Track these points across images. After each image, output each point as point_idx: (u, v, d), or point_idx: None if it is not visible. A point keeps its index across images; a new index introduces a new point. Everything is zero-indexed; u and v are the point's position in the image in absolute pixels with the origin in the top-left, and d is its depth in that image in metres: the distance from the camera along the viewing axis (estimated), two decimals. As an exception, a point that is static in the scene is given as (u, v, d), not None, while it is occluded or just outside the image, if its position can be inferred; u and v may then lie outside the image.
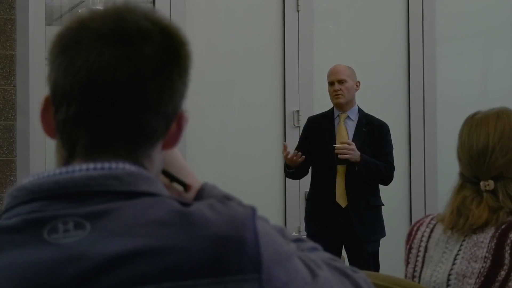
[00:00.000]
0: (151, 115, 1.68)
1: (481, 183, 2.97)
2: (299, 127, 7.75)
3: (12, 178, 7.06)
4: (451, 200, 3.03)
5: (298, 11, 7.89)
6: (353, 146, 6.56)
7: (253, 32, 7.77)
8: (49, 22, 7.60)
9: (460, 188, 3.03)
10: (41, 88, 7.27)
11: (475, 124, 3.07)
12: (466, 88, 8.25)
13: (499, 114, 3.07)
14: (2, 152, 7.08)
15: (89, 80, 1.64)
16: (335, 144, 6.63)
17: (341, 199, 6.75)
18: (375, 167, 6.74)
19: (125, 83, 1.65)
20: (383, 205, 7.05)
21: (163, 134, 1.71)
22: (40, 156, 7.23)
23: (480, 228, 2.92)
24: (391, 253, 7.21)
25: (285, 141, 7.66)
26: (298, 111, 7.71)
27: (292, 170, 6.79)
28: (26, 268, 1.59)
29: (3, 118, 7.10)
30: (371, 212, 6.90)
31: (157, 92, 1.67)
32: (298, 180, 7.49)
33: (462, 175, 3.06)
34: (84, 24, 1.68)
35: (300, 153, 6.63)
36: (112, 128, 1.67)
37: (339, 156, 6.55)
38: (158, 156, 1.74)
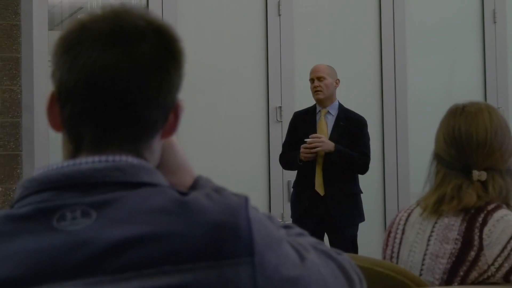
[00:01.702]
0: (151, 107, 1.69)
1: (474, 172, 2.97)
2: (281, 121, 7.80)
3: (18, 171, 7.06)
4: (437, 187, 3.03)
5: (279, 15, 7.90)
6: (323, 138, 6.64)
7: (239, 35, 7.77)
8: (51, 27, 7.57)
9: (446, 176, 3.02)
10: (45, 87, 7.27)
11: (470, 115, 3.04)
12: (434, 84, 8.28)
13: (490, 111, 3.08)
14: (9, 147, 7.07)
15: (92, 77, 1.65)
16: (315, 135, 6.67)
17: (319, 188, 6.80)
18: (349, 157, 6.77)
19: (126, 79, 1.65)
20: (362, 192, 7.07)
21: (162, 124, 1.72)
22: (44, 151, 7.20)
23: (457, 210, 2.94)
24: (368, 237, 7.25)
25: (268, 135, 7.81)
26: (280, 107, 7.71)
27: (302, 163, 6.78)
28: (36, 254, 1.59)
29: (10, 115, 7.10)
30: (348, 199, 6.91)
31: (156, 86, 1.68)
32: (281, 170, 7.54)
33: (447, 163, 3.05)
34: (86, 25, 1.69)
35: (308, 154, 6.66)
36: (115, 123, 1.68)
37: (312, 150, 6.60)
38: (158, 145, 1.76)
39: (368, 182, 7.54)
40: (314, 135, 6.65)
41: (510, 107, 7.78)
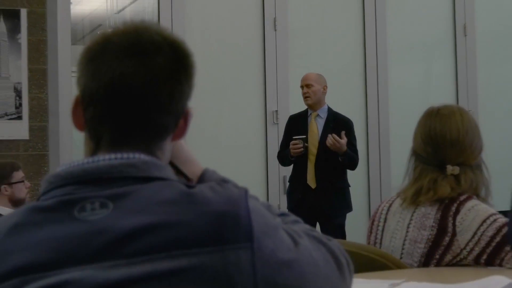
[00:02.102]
0: (163, 114, 1.71)
1: (448, 167, 2.98)
2: (277, 124, 7.78)
3: (45, 168, 7.07)
4: (415, 181, 3.04)
5: (275, 30, 7.89)
6: (342, 141, 6.65)
7: (240, 47, 7.78)
8: (73, 42, 7.56)
9: (423, 170, 3.03)
10: (68, 95, 7.28)
11: (444, 117, 3.06)
12: (412, 90, 8.29)
13: (461, 113, 3.11)
14: (37, 147, 7.08)
15: (112, 84, 1.67)
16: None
17: (311, 182, 6.84)
18: (351, 157, 6.85)
19: (142, 87, 1.67)
20: (350, 186, 7.11)
21: (172, 129, 1.74)
22: (68, 150, 7.22)
23: (433, 200, 2.95)
24: (354, 225, 7.26)
25: (266, 136, 7.83)
26: (276, 111, 7.70)
27: (294, 159, 6.86)
28: (60, 241, 1.60)
29: (38, 120, 7.11)
30: (337, 192, 6.94)
31: (168, 95, 1.70)
32: (278, 166, 7.55)
33: (424, 159, 3.06)
34: (108, 38, 1.71)
35: (301, 146, 6.74)
36: (131, 126, 1.70)
37: (331, 148, 6.68)
38: (168, 147, 1.77)
39: (354, 177, 7.54)
40: (332, 137, 6.65)
41: (479, 109, 7.75)
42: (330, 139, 6.61)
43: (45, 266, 1.59)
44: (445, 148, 3.01)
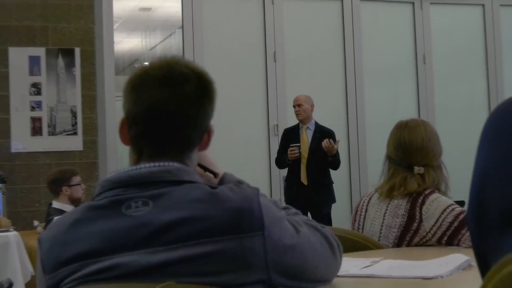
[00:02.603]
0: (191, 130, 1.74)
1: (415, 168, 2.99)
2: (278, 135, 7.71)
3: (96, 173, 7.08)
4: (389, 179, 3.05)
5: (275, 61, 7.89)
6: (337, 145, 6.80)
7: (248, 75, 7.81)
8: (116, 73, 7.60)
9: (395, 171, 3.04)
10: (113, 116, 7.31)
11: (411, 129, 3.07)
12: (383, 107, 8.28)
13: (424, 124, 3.12)
14: (89, 157, 7.10)
15: (150, 108, 1.71)
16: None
17: (304, 180, 6.89)
18: (338, 159, 6.95)
19: (174, 111, 1.70)
20: (333, 182, 7.13)
21: (198, 142, 1.78)
22: (113, 159, 7.24)
23: (403, 194, 2.96)
24: (338, 214, 7.28)
25: (268, 145, 7.83)
26: (277, 125, 7.70)
27: (290, 162, 6.91)
28: (111, 232, 1.63)
29: (89, 135, 7.12)
30: (324, 187, 6.99)
31: (194, 115, 1.73)
32: (278, 169, 7.53)
33: (396, 162, 3.07)
34: (146, 72, 1.75)
35: (297, 152, 6.79)
36: (166, 141, 1.73)
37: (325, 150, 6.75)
38: (195, 156, 1.79)
39: (338, 176, 7.54)
40: (330, 141, 6.73)
41: (436, 122, 7.74)
42: (326, 142, 6.69)
43: (100, 253, 1.61)
44: (412, 153, 3.02)
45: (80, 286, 1.59)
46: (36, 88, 7.00)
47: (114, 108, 7.32)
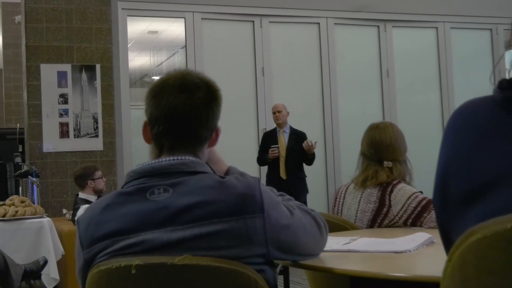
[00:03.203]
0: (202, 129, 1.76)
1: (385, 162, 2.99)
2: (265, 138, 7.75)
3: (114, 169, 7.07)
4: (363, 171, 3.05)
5: (263, 75, 7.89)
6: (314, 146, 6.86)
7: (241, 87, 7.79)
8: (130, 85, 7.56)
9: (368, 165, 3.04)
10: (128, 121, 7.30)
11: (381, 130, 3.08)
12: (353, 113, 8.26)
13: (392, 126, 3.13)
14: (108, 155, 7.07)
15: (169, 111, 1.71)
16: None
17: (283, 174, 6.91)
18: (314, 156, 6.94)
19: (188, 113, 1.72)
20: (306, 176, 7.12)
21: (209, 139, 1.80)
22: (128, 157, 7.21)
23: (375, 184, 2.97)
24: (316, 203, 7.28)
25: (258, 145, 7.70)
26: (265, 128, 7.65)
27: (270, 160, 6.94)
28: (137, 214, 1.65)
29: (108, 137, 7.10)
30: (299, 180, 7.02)
31: (205, 117, 1.75)
32: (265, 166, 7.50)
33: (368, 157, 3.06)
34: (165, 81, 1.76)
35: (277, 152, 6.88)
36: (182, 138, 1.74)
37: (305, 149, 6.85)
38: (206, 151, 1.81)
39: (316, 170, 7.58)
40: (309, 142, 6.83)
41: (398, 124, 7.77)
42: (307, 142, 6.80)
43: (128, 231, 1.63)
44: (382, 150, 3.02)
45: (111, 259, 1.61)
46: (64, 98, 6.98)
47: (128, 115, 7.30)
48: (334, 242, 2.17)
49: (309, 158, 6.90)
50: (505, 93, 1.24)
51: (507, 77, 1.31)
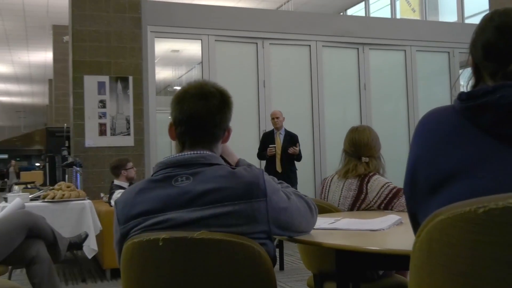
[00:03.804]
0: (217, 129, 1.75)
1: (363, 158, 2.98)
2: (265, 137, 7.73)
3: (142, 162, 7.05)
4: (345, 165, 3.03)
5: (264, 87, 7.88)
6: (297, 150, 6.92)
7: (246, 96, 7.75)
8: (156, 94, 7.54)
9: (349, 160, 3.02)
10: (154, 122, 7.26)
11: (360, 132, 3.06)
12: (336, 120, 8.24)
13: (369, 129, 3.11)
14: (138, 150, 7.05)
15: (190, 115, 1.71)
16: (272, 146, 6.92)
17: (278, 168, 6.89)
18: (300, 156, 6.99)
19: (206, 116, 1.71)
20: (297, 169, 7.11)
21: (222, 137, 1.79)
22: (154, 152, 7.19)
23: (355, 175, 2.95)
24: (305, 191, 7.22)
25: (259, 145, 7.76)
26: (265, 130, 7.65)
27: (268, 157, 6.94)
28: (164, 197, 1.64)
29: (138, 136, 7.09)
30: (291, 173, 6.97)
31: (219, 119, 1.74)
32: (263, 161, 7.49)
33: (349, 154, 3.05)
34: (186, 91, 1.75)
35: (274, 150, 6.90)
36: (200, 136, 1.73)
37: (290, 152, 6.90)
38: (220, 146, 1.80)
39: (306, 165, 7.59)
40: (293, 148, 6.90)
41: (374, 127, 7.78)
42: (292, 149, 6.87)
43: (156, 211, 1.63)
44: (361, 148, 3.01)
45: (143, 233, 1.61)
46: (102, 103, 6.97)
47: (154, 118, 7.29)
48: (322, 222, 2.17)
49: (297, 157, 6.96)
50: (464, 103, 1.25)
51: (465, 90, 1.31)
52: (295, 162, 7.04)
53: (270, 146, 6.88)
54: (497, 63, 1.27)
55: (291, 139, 6.97)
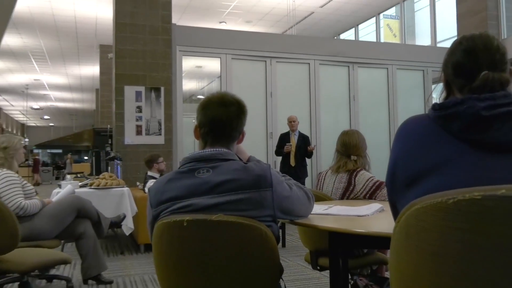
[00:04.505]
0: (233, 131, 1.72)
1: (352, 156, 2.95)
2: (272, 138, 7.65)
3: (171, 157, 7.05)
4: (337, 162, 3.00)
5: (271, 96, 7.85)
6: (313, 148, 6.82)
7: (255, 103, 7.74)
8: (183, 101, 7.54)
9: (340, 158, 2.99)
10: (181, 125, 7.25)
11: (350, 135, 3.03)
12: (330, 124, 8.20)
13: (357, 132, 3.07)
14: (167, 147, 7.04)
15: (212, 119, 1.68)
16: (288, 144, 6.74)
17: (292, 162, 6.74)
18: (311, 153, 6.83)
19: (225, 121, 1.69)
20: (307, 165, 7.02)
21: (237, 138, 1.75)
22: (180, 149, 7.17)
23: (345, 171, 2.92)
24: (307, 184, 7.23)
25: (266, 143, 7.72)
26: (271, 132, 7.66)
27: (285, 153, 6.79)
28: (188, 186, 1.62)
29: (168, 135, 7.08)
30: (302, 167, 6.84)
31: (236, 124, 1.71)
32: (273, 158, 7.44)
33: (340, 153, 3.01)
34: (210, 99, 1.72)
35: (290, 148, 6.74)
36: (220, 137, 1.70)
37: (288, 149, 6.73)
38: (235, 146, 1.76)
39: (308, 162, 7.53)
40: (311, 147, 6.78)
41: (361, 132, 7.74)
42: (310, 147, 6.76)
43: (181, 197, 1.61)
44: (350, 148, 2.98)
45: (170, 216, 1.60)
46: (139, 109, 6.98)
47: (181, 121, 7.28)
48: (317, 208, 2.16)
49: (309, 154, 6.82)
50: (437, 112, 1.24)
51: (437, 102, 1.30)
52: (306, 158, 6.93)
53: (287, 144, 6.74)
54: (465, 80, 1.27)
55: (304, 140, 6.86)
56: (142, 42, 7.01)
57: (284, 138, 6.97)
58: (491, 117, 1.15)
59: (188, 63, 10.73)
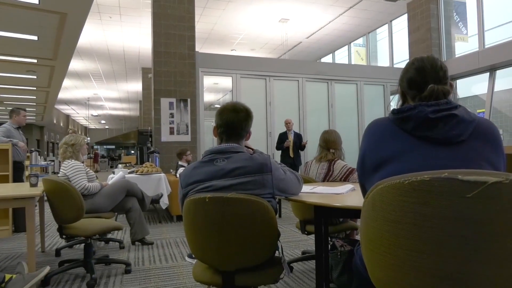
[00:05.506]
0: (243, 131, 1.69)
1: (330, 149, 2.92)
2: (271, 137, 7.56)
3: (196, 150, 6.99)
4: (320, 154, 2.96)
5: (270, 105, 7.79)
6: (306, 143, 6.67)
7: (258, 110, 7.66)
8: (204, 109, 7.50)
9: (322, 151, 2.96)
10: (202, 127, 7.21)
11: (329, 133, 3.00)
12: (313, 126, 8.15)
13: (335, 132, 3.03)
14: (193, 143, 6.99)
15: (226, 122, 1.65)
16: (288, 140, 6.61)
17: (291, 154, 6.62)
18: (304, 147, 6.69)
19: (237, 123, 1.65)
20: (300, 155, 6.90)
21: (245, 136, 1.71)
22: (202, 145, 7.14)
23: (326, 160, 2.89)
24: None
25: (266, 141, 7.60)
26: (270, 132, 7.60)
27: (284, 148, 6.65)
28: (209, 172, 1.58)
29: (193, 135, 7.02)
30: (298, 158, 6.71)
31: (245, 125, 1.68)
32: (273, 153, 7.37)
33: (322, 147, 2.97)
34: (225, 107, 1.69)
35: (288, 144, 6.58)
36: (232, 135, 1.67)
37: (302, 144, 6.61)
38: (244, 142, 1.72)
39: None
40: (304, 142, 6.62)
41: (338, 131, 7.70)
42: (304, 142, 6.60)
43: (203, 180, 1.58)
44: (330, 143, 2.95)
45: (196, 194, 1.58)
46: (171, 115, 6.94)
47: (203, 124, 7.23)
48: (305, 188, 2.15)
49: (302, 147, 6.69)
50: (395, 115, 1.24)
51: (395, 108, 1.29)
52: (300, 151, 6.84)
53: (287, 140, 6.65)
54: (416, 91, 1.27)
55: (298, 137, 6.76)
56: (173, 65, 6.98)
57: (283, 136, 6.89)
58: (436, 118, 1.15)
59: (208, 81, 10.73)
